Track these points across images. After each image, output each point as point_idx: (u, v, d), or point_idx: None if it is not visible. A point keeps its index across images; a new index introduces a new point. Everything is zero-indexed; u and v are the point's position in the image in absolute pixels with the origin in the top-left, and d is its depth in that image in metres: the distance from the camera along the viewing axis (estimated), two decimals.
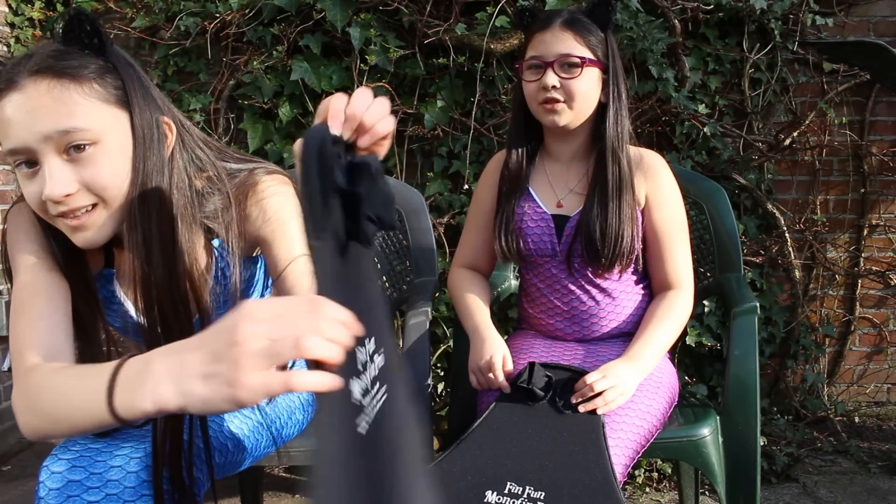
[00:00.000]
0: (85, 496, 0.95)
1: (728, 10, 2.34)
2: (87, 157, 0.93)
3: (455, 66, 2.31)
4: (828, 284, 2.59)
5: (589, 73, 1.41)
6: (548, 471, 1.17)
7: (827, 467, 2.30)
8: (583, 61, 1.40)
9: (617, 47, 1.46)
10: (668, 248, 1.48)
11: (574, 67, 1.40)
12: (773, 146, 2.48)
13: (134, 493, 0.97)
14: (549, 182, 1.53)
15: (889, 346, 2.62)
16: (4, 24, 2.53)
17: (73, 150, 0.92)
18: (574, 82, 1.40)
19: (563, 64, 1.40)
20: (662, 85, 2.31)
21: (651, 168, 1.48)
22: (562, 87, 1.40)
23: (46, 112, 0.91)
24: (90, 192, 0.94)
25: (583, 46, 1.41)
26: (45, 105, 0.91)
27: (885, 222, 2.57)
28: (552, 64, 1.40)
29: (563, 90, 1.41)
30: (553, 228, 1.49)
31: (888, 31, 2.49)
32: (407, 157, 2.42)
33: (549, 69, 1.40)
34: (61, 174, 0.92)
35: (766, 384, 2.52)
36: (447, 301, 2.36)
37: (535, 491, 1.13)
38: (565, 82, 1.40)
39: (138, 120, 0.97)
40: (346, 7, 2.27)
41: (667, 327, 1.44)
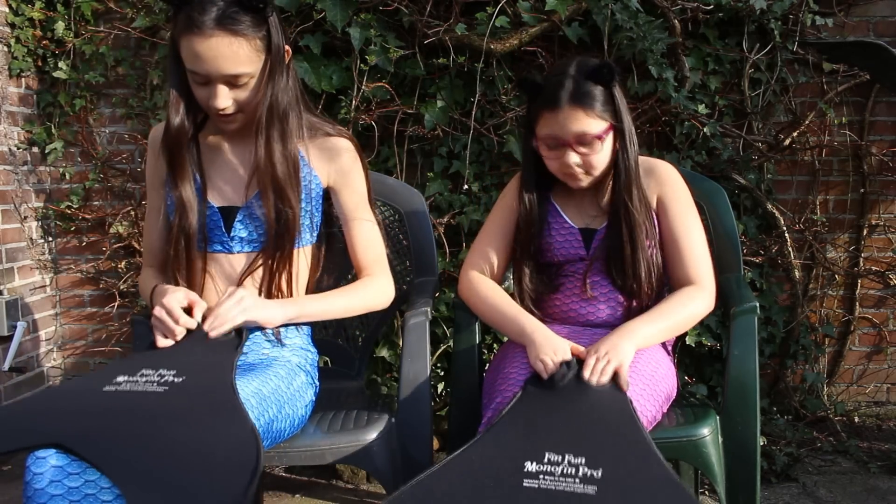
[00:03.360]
0: (66, 481, 1.08)
1: (728, 10, 2.34)
2: (242, 86, 1.37)
3: (455, 66, 2.31)
4: (827, 284, 2.59)
5: (605, 141, 1.46)
6: (585, 437, 1.19)
7: (827, 467, 2.30)
8: (599, 137, 1.45)
9: (621, 93, 1.48)
10: (686, 248, 1.52)
11: (592, 143, 1.45)
12: (773, 146, 2.48)
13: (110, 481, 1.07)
14: (575, 203, 1.59)
15: (889, 346, 2.63)
16: (4, 24, 2.53)
17: (235, 82, 1.36)
18: (594, 157, 1.47)
19: (580, 142, 1.45)
20: (662, 85, 2.31)
21: (662, 175, 1.55)
22: (583, 163, 1.47)
23: (224, 60, 1.33)
24: (237, 105, 1.39)
25: (595, 119, 1.44)
26: (224, 55, 1.32)
27: (884, 222, 2.57)
28: (570, 144, 1.45)
29: (584, 164, 1.47)
30: (581, 241, 1.56)
31: (888, 31, 2.49)
32: (407, 157, 2.42)
33: (569, 149, 1.46)
34: (224, 95, 1.37)
35: (765, 384, 2.52)
36: (447, 301, 2.37)
37: (576, 457, 1.14)
38: (586, 157, 1.46)
39: (275, 59, 1.39)
40: (346, 7, 2.27)
41: (676, 314, 1.46)
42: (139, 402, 1.18)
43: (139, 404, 1.18)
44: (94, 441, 1.10)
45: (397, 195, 1.91)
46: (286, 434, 1.41)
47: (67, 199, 2.65)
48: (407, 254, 1.89)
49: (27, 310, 2.58)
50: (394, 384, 2.38)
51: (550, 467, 1.13)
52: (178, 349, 1.34)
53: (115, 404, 1.18)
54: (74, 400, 1.20)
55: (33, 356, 2.62)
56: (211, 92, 1.36)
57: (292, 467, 2.37)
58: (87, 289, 2.74)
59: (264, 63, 1.38)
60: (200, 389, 1.23)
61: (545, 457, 1.15)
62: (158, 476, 1.07)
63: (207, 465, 1.09)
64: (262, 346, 1.49)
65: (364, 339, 1.92)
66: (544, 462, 1.14)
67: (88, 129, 2.64)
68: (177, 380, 1.24)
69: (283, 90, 1.42)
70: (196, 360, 1.31)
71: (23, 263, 2.59)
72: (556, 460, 1.14)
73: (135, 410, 1.16)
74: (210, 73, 1.34)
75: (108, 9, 2.54)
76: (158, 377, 1.24)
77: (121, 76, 2.59)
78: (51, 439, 1.10)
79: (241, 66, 1.34)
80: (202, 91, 1.38)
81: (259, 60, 1.37)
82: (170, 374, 1.25)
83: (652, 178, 1.54)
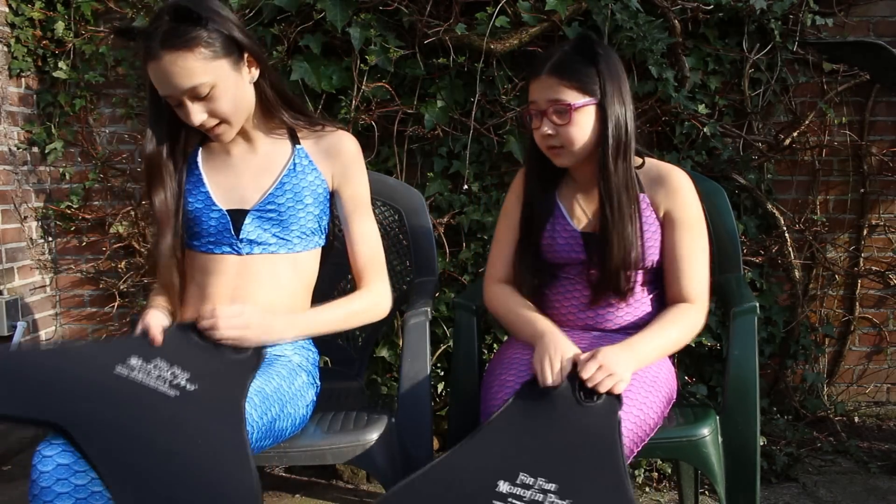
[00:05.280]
0: (73, 479, 1.08)
1: (728, 10, 2.34)
2: (210, 97, 1.37)
3: (455, 66, 2.31)
4: (827, 284, 2.59)
5: (580, 116, 1.43)
6: (562, 464, 1.18)
7: (827, 467, 2.30)
8: (569, 107, 1.42)
9: (616, 76, 1.45)
10: (687, 267, 1.49)
11: (564, 113, 1.43)
12: (773, 146, 2.48)
13: None
14: (576, 201, 1.56)
15: (889, 346, 2.63)
16: (4, 24, 2.53)
17: (198, 96, 1.36)
18: (566, 129, 1.43)
19: (555, 110, 1.43)
20: (662, 85, 2.31)
21: (674, 186, 1.50)
22: (557, 133, 1.44)
23: (177, 77, 1.34)
24: (215, 117, 1.40)
25: (570, 90, 1.42)
26: (175, 72, 1.33)
27: (884, 222, 2.57)
28: (545, 112, 1.44)
29: (559, 136, 1.44)
30: (582, 245, 1.53)
31: (888, 31, 2.49)
32: (407, 157, 2.42)
33: (544, 117, 1.45)
34: (195, 110, 1.38)
35: (765, 384, 2.52)
36: (447, 301, 2.37)
37: (548, 483, 1.15)
38: (559, 129, 1.44)
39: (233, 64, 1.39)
40: (346, 7, 2.27)
41: (673, 332, 1.45)
42: (147, 401, 1.18)
43: (147, 403, 1.18)
44: (96, 434, 1.10)
45: (397, 195, 1.91)
46: (287, 434, 1.41)
47: (67, 199, 2.66)
48: (407, 254, 1.89)
49: (27, 310, 2.58)
50: (394, 384, 2.38)
51: (521, 490, 1.13)
52: (197, 350, 1.34)
53: (122, 393, 1.18)
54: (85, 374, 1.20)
55: None
56: (184, 111, 1.38)
57: (292, 467, 2.37)
58: (87, 289, 2.74)
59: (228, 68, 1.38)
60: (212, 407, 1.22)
61: (518, 477, 1.16)
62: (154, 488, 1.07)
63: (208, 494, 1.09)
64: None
65: (364, 339, 1.92)
66: (517, 483, 1.15)
67: (88, 129, 2.64)
68: (189, 387, 1.23)
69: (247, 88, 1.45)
70: (212, 369, 1.30)
71: (23, 263, 2.59)
72: (528, 483, 1.15)
73: (142, 409, 1.16)
74: (172, 93, 1.36)
75: (108, 9, 2.54)
76: (171, 376, 1.25)
77: (121, 76, 2.59)
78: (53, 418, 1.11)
79: (195, 78, 1.34)
80: (180, 112, 1.40)
81: (216, 68, 1.36)
82: (183, 377, 1.25)
83: (662, 187, 1.51)
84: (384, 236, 1.92)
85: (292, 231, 1.51)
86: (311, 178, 1.52)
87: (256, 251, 1.49)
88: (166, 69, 1.33)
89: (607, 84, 1.42)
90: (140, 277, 2.64)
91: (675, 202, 1.50)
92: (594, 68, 1.42)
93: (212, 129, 1.42)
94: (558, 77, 1.42)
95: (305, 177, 1.52)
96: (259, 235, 1.49)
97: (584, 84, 1.42)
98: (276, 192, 1.49)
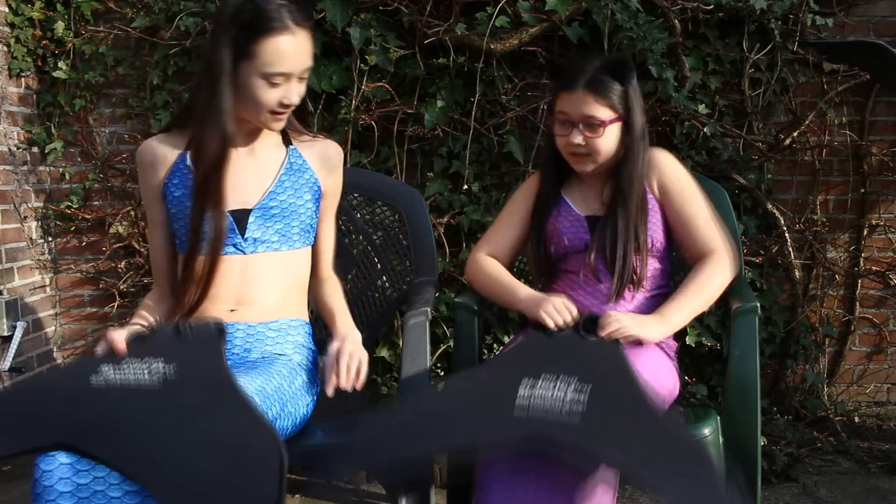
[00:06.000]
0: (75, 478, 1.09)
1: (728, 10, 2.34)
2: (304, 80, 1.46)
3: (455, 66, 2.31)
4: (828, 284, 2.59)
5: (610, 130, 1.57)
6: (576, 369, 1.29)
7: (827, 467, 2.30)
8: (603, 123, 1.55)
9: (639, 95, 1.60)
10: (695, 223, 1.62)
11: (597, 128, 1.56)
12: (773, 146, 2.48)
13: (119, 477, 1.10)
14: (581, 193, 1.69)
15: (889, 346, 2.62)
16: (4, 24, 2.53)
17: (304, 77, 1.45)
18: (597, 141, 1.57)
19: (587, 124, 1.56)
20: (662, 85, 2.31)
21: (658, 162, 1.65)
22: (586, 144, 1.57)
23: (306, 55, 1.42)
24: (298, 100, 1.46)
25: (604, 107, 1.55)
26: (305, 50, 1.42)
27: (885, 222, 2.57)
28: (577, 124, 1.57)
29: (588, 146, 1.58)
30: (587, 228, 1.64)
31: (888, 31, 2.49)
32: (407, 157, 2.42)
33: (575, 129, 1.57)
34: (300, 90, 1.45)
35: (766, 384, 2.52)
36: (447, 301, 2.36)
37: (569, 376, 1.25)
38: (589, 140, 1.57)
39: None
40: (346, 7, 2.27)
41: (704, 291, 1.57)
42: (138, 396, 1.18)
43: (139, 398, 1.18)
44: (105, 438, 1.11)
45: (397, 195, 1.91)
46: (288, 433, 1.41)
47: (67, 199, 2.65)
48: (407, 254, 1.89)
49: (27, 310, 2.58)
50: (394, 384, 2.38)
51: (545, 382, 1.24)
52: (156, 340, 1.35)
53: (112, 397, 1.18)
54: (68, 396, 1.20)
55: (33, 356, 2.62)
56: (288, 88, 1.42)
57: (292, 467, 2.37)
58: (86, 289, 2.73)
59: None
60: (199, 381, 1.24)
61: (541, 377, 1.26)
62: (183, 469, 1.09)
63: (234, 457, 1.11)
64: (265, 342, 1.49)
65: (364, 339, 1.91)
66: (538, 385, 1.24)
67: (88, 129, 2.64)
68: (167, 370, 1.24)
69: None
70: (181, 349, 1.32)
71: (23, 263, 2.59)
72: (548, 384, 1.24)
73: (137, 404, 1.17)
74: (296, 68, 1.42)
75: (108, 9, 2.53)
76: (146, 366, 1.25)
77: (121, 76, 2.59)
78: (59, 439, 1.10)
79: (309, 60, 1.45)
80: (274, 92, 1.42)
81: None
82: (158, 363, 1.25)
83: (655, 170, 1.64)
84: (384, 236, 1.92)
85: (293, 227, 1.53)
86: (307, 176, 1.56)
87: (260, 249, 1.51)
88: (303, 44, 1.41)
89: (634, 102, 1.58)
90: (140, 277, 2.64)
91: (667, 176, 1.64)
92: (624, 88, 1.57)
93: (283, 113, 1.46)
94: (594, 95, 1.55)
95: (302, 175, 1.55)
96: (263, 233, 1.50)
97: (615, 102, 1.56)
98: (277, 189, 1.51)
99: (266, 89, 1.40)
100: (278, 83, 1.40)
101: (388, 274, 1.92)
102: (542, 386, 1.23)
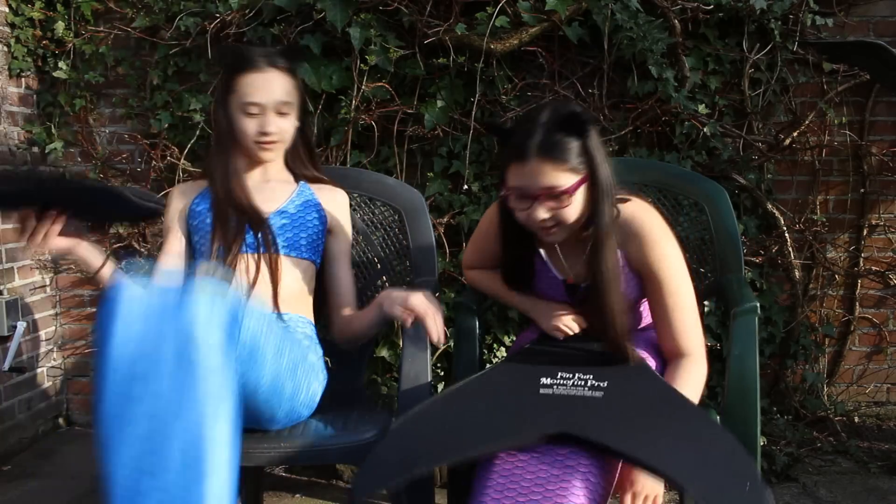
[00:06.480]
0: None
1: (728, 10, 2.34)
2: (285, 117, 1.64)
3: (455, 66, 2.31)
4: (827, 284, 2.59)
5: (576, 196, 1.37)
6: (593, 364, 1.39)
7: (827, 467, 2.30)
8: (568, 192, 1.35)
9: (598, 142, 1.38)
10: (677, 318, 1.45)
11: (562, 197, 1.35)
12: (773, 146, 2.48)
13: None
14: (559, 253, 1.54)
15: (889, 346, 2.62)
16: (4, 24, 2.53)
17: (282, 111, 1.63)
18: (565, 211, 1.37)
19: (548, 197, 1.36)
20: (662, 85, 2.31)
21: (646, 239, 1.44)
22: (552, 216, 1.38)
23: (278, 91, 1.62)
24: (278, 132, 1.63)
25: (565, 173, 1.34)
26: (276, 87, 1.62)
27: (884, 222, 2.57)
28: (539, 198, 1.36)
29: (555, 217, 1.38)
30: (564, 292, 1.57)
31: (888, 31, 2.49)
32: (407, 157, 2.42)
33: (537, 203, 1.37)
34: (275, 121, 1.62)
35: (765, 384, 2.52)
36: (447, 301, 2.36)
37: (585, 374, 1.34)
38: (556, 212, 1.37)
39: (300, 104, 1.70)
40: (346, 7, 2.27)
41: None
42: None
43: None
44: None
45: (397, 195, 1.91)
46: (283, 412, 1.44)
47: None
48: (407, 254, 1.89)
49: (27, 310, 2.58)
50: (394, 384, 2.38)
51: (563, 380, 1.33)
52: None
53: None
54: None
55: (33, 356, 2.62)
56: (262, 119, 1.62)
57: (292, 467, 2.37)
58: (87, 289, 2.74)
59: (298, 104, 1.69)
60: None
61: (558, 374, 1.35)
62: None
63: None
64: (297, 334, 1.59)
65: None
66: (557, 378, 1.33)
67: (88, 129, 2.64)
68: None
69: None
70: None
71: (23, 263, 2.59)
72: (567, 376, 1.34)
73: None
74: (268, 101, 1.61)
75: (108, 9, 2.53)
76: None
77: (121, 76, 2.59)
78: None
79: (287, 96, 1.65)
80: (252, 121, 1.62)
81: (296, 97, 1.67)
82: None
83: (634, 243, 1.44)
84: (384, 236, 1.92)
85: (301, 238, 1.66)
86: (313, 202, 1.73)
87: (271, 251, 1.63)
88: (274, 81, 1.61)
89: (596, 153, 1.36)
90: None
91: (652, 257, 1.43)
92: (582, 143, 1.35)
93: (267, 142, 1.62)
94: (551, 162, 1.33)
95: (309, 201, 1.73)
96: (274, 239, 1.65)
97: (575, 164, 1.35)
98: (287, 206, 1.69)
99: (244, 119, 1.61)
100: (254, 113, 1.61)
101: (388, 274, 1.93)
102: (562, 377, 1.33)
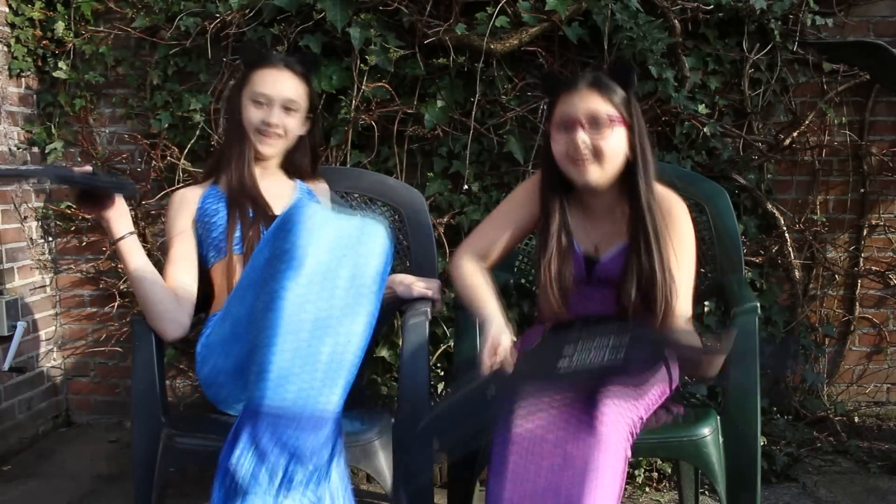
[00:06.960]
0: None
1: (728, 10, 2.34)
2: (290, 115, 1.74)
3: (455, 66, 2.31)
4: (827, 284, 2.59)
5: (616, 131, 1.47)
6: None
7: (827, 467, 2.30)
8: (610, 119, 1.46)
9: (637, 107, 1.51)
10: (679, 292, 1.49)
11: (602, 126, 1.46)
12: (773, 146, 2.48)
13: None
14: (585, 227, 1.58)
15: (889, 346, 2.62)
16: (4, 24, 2.53)
17: (287, 108, 1.73)
18: (602, 140, 1.47)
19: (591, 122, 1.46)
20: (662, 85, 2.31)
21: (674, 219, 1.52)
22: (591, 144, 1.47)
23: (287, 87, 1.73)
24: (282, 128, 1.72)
25: (609, 105, 1.47)
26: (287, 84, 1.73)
27: (884, 222, 2.57)
28: (581, 122, 1.47)
29: (592, 148, 1.47)
30: (584, 267, 1.56)
31: (888, 31, 2.49)
32: (407, 157, 2.42)
33: (578, 127, 1.47)
34: (279, 115, 1.72)
35: (766, 384, 2.52)
36: (447, 301, 2.36)
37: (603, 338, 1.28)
38: (594, 140, 1.46)
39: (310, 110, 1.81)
40: (346, 7, 2.27)
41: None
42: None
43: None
44: None
45: (397, 195, 1.91)
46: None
47: (67, 198, 2.65)
48: (407, 254, 1.89)
49: (27, 310, 2.58)
50: (394, 384, 2.38)
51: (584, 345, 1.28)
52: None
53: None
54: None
55: (33, 356, 2.62)
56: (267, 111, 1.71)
57: None
58: (86, 289, 2.74)
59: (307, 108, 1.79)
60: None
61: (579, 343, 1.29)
62: None
63: None
64: None
65: None
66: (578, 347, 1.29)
67: (88, 129, 2.64)
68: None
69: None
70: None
71: (23, 263, 2.59)
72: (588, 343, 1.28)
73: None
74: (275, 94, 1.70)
75: (108, 9, 2.54)
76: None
77: (121, 76, 2.59)
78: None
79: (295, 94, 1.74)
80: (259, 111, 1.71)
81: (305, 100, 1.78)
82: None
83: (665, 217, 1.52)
84: None
85: None
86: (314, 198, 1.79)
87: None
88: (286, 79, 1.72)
89: (636, 111, 1.50)
90: None
91: (673, 228, 1.51)
92: (627, 94, 1.49)
93: (269, 133, 1.71)
94: (598, 91, 1.47)
95: (310, 195, 1.79)
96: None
97: (619, 104, 1.48)
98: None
99: (251, 108, 1.71)
100: (261, 102, 1.70)
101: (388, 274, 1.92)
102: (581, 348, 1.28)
